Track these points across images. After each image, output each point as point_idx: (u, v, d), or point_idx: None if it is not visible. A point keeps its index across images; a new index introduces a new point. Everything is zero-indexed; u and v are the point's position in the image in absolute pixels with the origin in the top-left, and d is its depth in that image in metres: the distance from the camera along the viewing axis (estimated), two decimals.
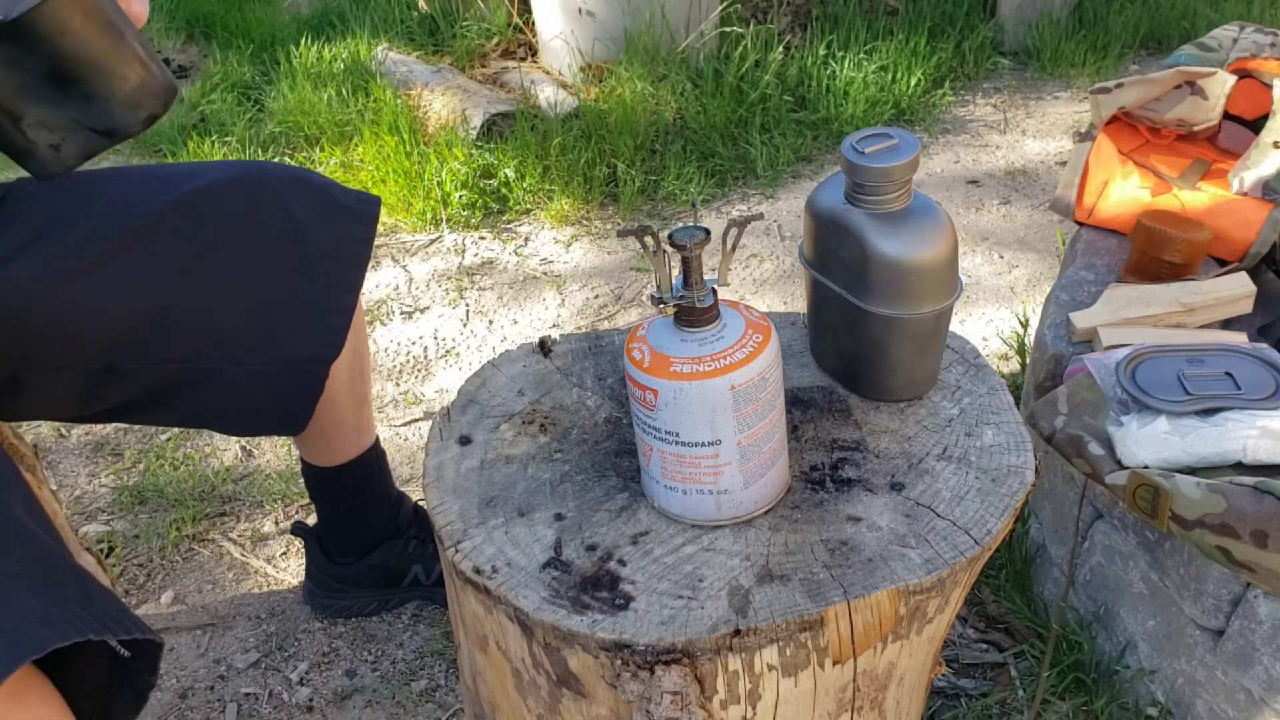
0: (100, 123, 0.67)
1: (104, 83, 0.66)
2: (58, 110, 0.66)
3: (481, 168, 2.26)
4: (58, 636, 0.66)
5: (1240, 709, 1.03)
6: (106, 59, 0.65)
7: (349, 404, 1.15)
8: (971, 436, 0.75)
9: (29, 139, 0.66)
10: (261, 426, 1.09)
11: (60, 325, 0.91)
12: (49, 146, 0.67)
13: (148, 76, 0.68)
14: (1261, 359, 1.04)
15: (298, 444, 1.22)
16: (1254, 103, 1.41)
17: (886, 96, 2.49)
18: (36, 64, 0.63)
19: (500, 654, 0.70)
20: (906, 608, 0.65)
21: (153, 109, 0.69)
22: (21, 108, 0.65)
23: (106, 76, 0.66)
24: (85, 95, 0.66)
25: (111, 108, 0.67)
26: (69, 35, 0.63)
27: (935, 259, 0.71)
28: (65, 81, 0.65)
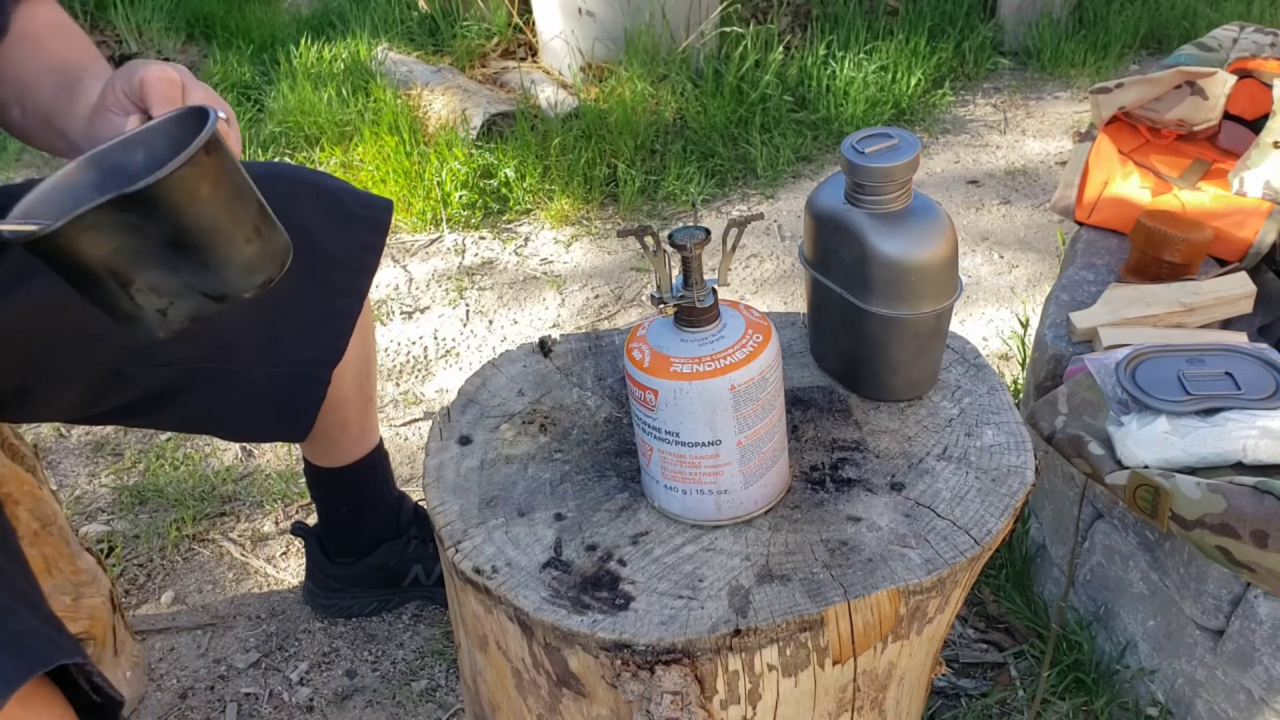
0: (215, 288, 0.63)
1: (223, 250, 0.62)
2: (171, 275, 0.61)
3: (481, 168, 2.26)
4: (64, 655, 0.70)
5: (1240, 709, 1.03)
6: (229, 226, 0.62)
7: (355, 405, 1.15)
8: (971, 436, 0.75)
9: (137, 304, 0.62)
10: (264, 432, 1.09)
11: (75, 337, 0.91)
12: (156, 311, 0.62)
13: (267, 242, 0.64)
14: (1261, 359, 1.04)
15: (302, 444, 1.22)
16: (1254, 103, 1.41)
17: (886, 96, 2.49)
18: (158, 231, 0.59)
19: (500, 654, 0.70)
20: (906, 608, 0.65)
21: (269, 273, 0.65)
22: (134, 273, 0.60)
23: (227, 243, 0.62)
24: (203, 262, 0.61)
25: (229, 274, 0.63)
26: (196, 204, 0.59)
27: (935, 259, 0.71)
28: (184, 248, 0.60)
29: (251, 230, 0.63)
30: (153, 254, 0.60)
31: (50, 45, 0.84)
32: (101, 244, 0.58)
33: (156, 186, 0.57)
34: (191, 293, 0.62)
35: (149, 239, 0.59)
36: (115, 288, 0.61)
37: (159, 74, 0.68)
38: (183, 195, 0.58)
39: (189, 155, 0.58)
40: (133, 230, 0.58)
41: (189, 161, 0.58)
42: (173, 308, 0.63)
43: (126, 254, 0.59)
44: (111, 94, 0.70)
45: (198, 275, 0.62)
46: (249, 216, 0.63)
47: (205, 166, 0.59)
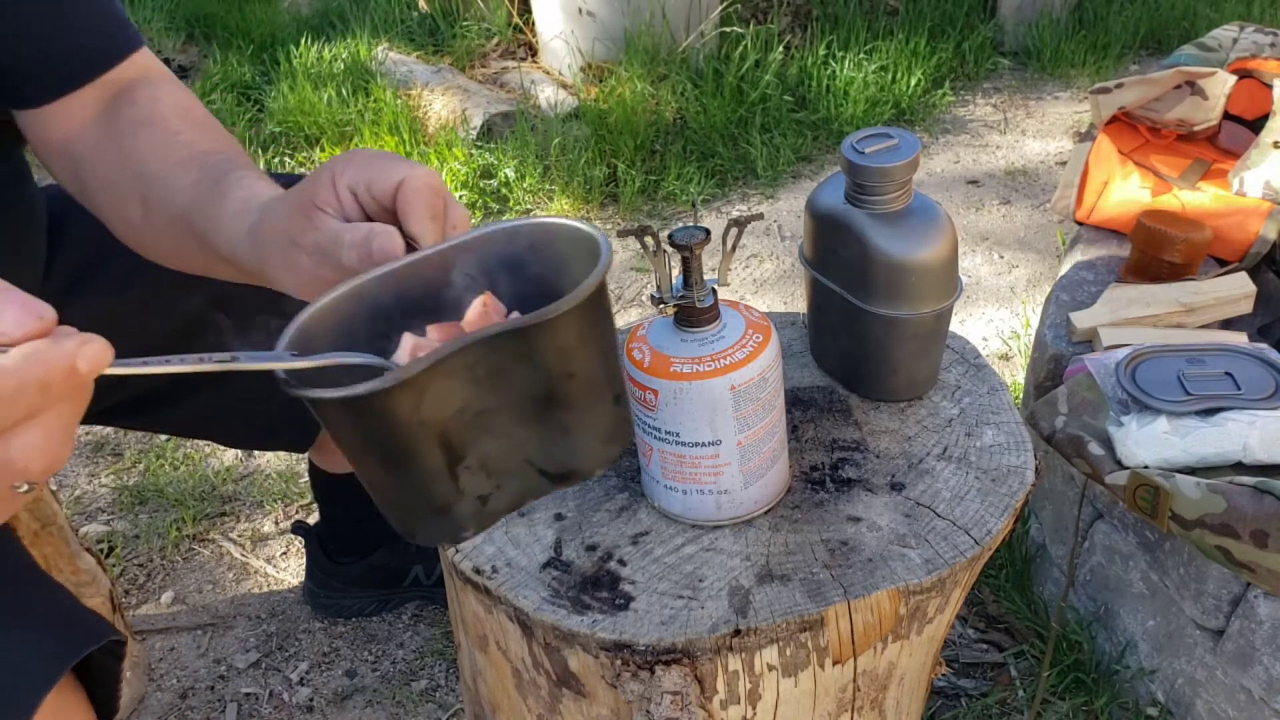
0: (563, 461, 0.50)
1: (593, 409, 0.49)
2: (515, 446, 0.48)
3: (481, 168, 2.26)
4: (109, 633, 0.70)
5: (1240, 709, 1.03)
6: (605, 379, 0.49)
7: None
8: (971, 436, 0.75)
9: (458, 487, 0.47)
10: (266, 440, 1.08)
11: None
12: (476, 498, 0.48)
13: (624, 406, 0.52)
14: (1261, 359, 1.04)
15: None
16: (1254, 103, 1.41)
17: (886, 96, 2.49)
18: (529, 381, 0.46)
19: (500, 654, 0.70)
20: (906, 608, 0.65)
21: (623, 444, 0.52)
22: (473, 441, 0.46)
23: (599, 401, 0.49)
24: (564, 426, 0.48)
25: (587, 442, 0.50)
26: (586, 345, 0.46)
27: (935, 259, 0.71)
28: (550, 407, 0.47)
29: (619, 387, 0.51)
30: (507, 415, 0.46)
31: (185, 134, 0.71)
32: (450, 401, 0.44)
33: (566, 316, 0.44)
34: (529, 471, 0.49)
35: (512, 394, 0.46)
36: (440, 466, 0.46)
37: (428, 180, 0.53)
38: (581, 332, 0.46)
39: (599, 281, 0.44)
40: (495, 380, 0.45)
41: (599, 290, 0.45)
42: (498, 493, 0.49)
43: (473, 415, 0.45)
44: (327, 189, 0.55)
45: (550, 444, 0.49)
46: (619, 369, 0.51)
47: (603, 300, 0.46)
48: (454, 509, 0.48)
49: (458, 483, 0.47)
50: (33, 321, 0.36)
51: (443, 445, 0.45)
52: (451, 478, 0.47)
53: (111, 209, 0.72)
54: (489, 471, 0.48)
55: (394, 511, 0.49)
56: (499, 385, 0.45)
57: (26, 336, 0.36)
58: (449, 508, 0.48)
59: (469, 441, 0.46)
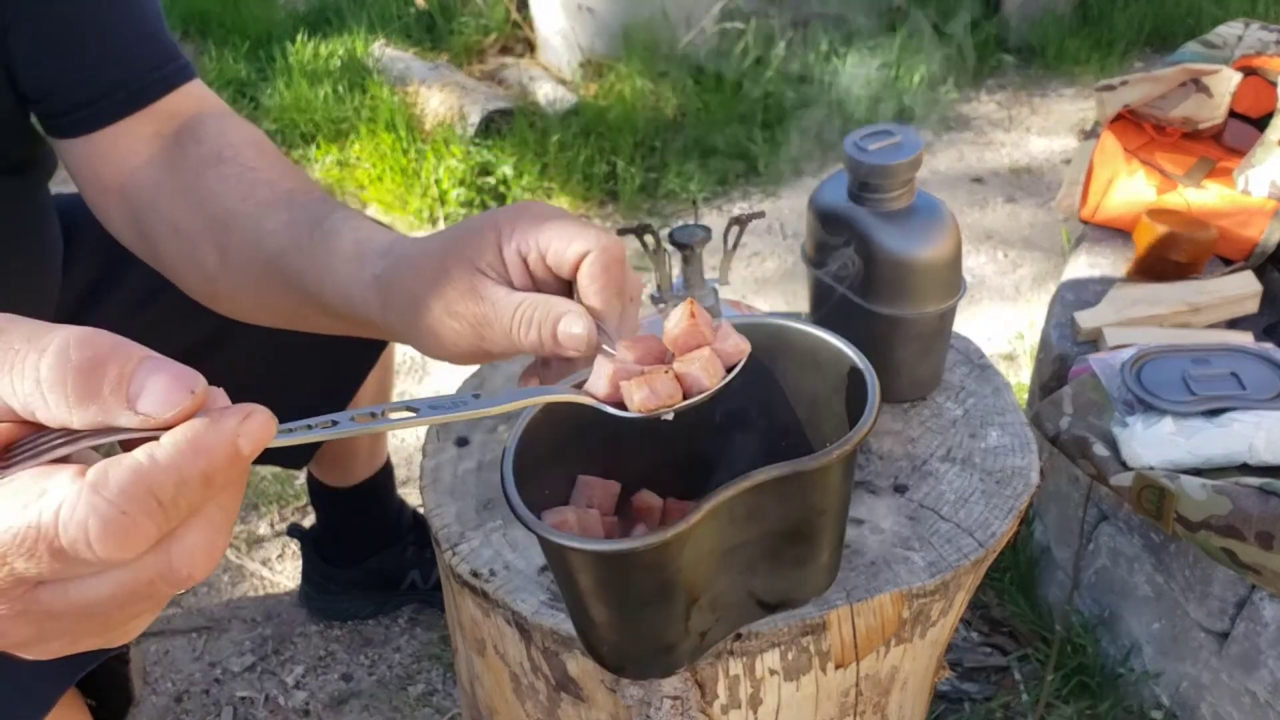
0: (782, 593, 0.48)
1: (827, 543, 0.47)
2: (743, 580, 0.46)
3: (479, 165, 2.25)
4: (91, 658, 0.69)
5: (1245, 712, 1.02)
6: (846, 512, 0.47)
7: (367, 435, 1.14)
8: (976, 438, 0.74)
9: (686, 628, 0.45)
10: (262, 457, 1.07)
11: None
12: (698, 634, 0.46)
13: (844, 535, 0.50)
14: (1267, 359, 1.03)
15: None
16: (1259, 100, 1.40)
17: (890, 93, 2.48)
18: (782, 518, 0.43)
19: (498, 658, 0.69)
20: (909, 611, 0.64)
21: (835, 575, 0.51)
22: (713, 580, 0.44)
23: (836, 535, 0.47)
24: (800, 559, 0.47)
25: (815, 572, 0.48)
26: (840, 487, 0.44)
27: (939, 257, 0.70)
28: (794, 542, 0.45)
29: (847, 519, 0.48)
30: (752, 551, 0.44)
31: (264, 171, 0.64)
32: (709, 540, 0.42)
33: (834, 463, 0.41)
34: (749, 603, 0.47)
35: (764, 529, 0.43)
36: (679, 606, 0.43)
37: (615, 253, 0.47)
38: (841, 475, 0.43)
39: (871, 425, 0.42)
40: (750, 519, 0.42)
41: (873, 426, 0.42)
42: (715, 627, 0.47)
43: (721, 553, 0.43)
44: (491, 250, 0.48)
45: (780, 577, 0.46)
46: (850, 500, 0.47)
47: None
48: (678, 648, 0.46)
49: (688, 623, 0.45)
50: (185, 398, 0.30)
51: (687, 589, 0.43)
52: (685, 617, 0.44)
53: (182, 256, 0.64)
54: (715, 607, 0.46)
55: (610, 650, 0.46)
56: (753, 522, 0.43)
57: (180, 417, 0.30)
58: (674, 647, 0.46)
59: (710, 581, 0.44)
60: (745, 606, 0.47)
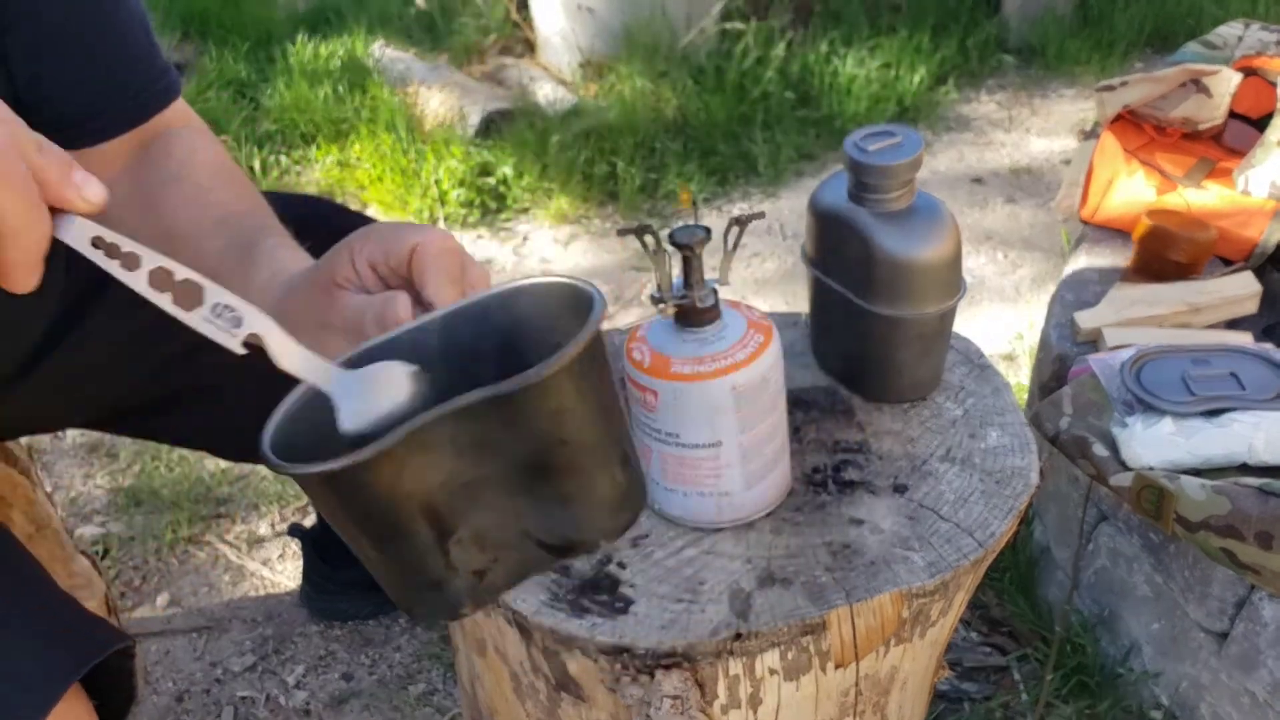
0: (561, 534, 0.47)
1: (593, 476, 0.46)
2: (508, 518, 0.45)
3: (479, 166, 2.26)
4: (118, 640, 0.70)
5: (1245, 712, 1.02)
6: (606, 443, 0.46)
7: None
8: (975, 438, 0.74)
9: (450, 562, 0.45)
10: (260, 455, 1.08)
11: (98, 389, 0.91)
12: (472, 574, 0.46)
13: (635, 471, 0.49)
14: (1267, 359, 1.03)
15: None
16: (1259, 101, 1.40)
17: (889, 94, 2.48)
18: (518, 449, 0.43)
19: (499, 658, 0.70)
20: (909, 611, 0.64)
21: (633, 513, 0.49)
22: (462, 514, 0.44)
23: (600, 467, 0.46)
24: (562, 496, 0.46)
25: (590, 511, 0.47)
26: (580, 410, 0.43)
27: (939, 258, 0.70)
28: (544, 475, 0.44)
29: (623, 453, 0.47)
30: (497, 485, 0.44)
31: (216, 192, 0.68)
32: (433, 472, 0.42)
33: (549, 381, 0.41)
34: (527, 544, 0.47)
35: (500, 463, 0.43)
36: (429, 540, 0.44)
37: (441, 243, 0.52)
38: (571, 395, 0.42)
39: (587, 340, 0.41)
40: (481, 450, 0.42)
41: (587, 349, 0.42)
42: (495, 567, 0.46)
43: (460, 486, 0.43)
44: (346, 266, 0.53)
45: (547, 516, 0.46)
46: (623, 433, 0.47)
47: (596, 356, 0.44)
48: (448, 585, 0.46)
49: (449, 557, 0.45)
50: None
51: (429, 519, 0.43)
52: (442, 552, 0.44)
53: None
54: (483, 545, 0.46)
55: (389, 588, 0.47)
56: (485, 455, 0.43)
57: None
58: (442, 584, 0.45)
59: (458, 514, 0.44)
60: (525, 548, 0.47)
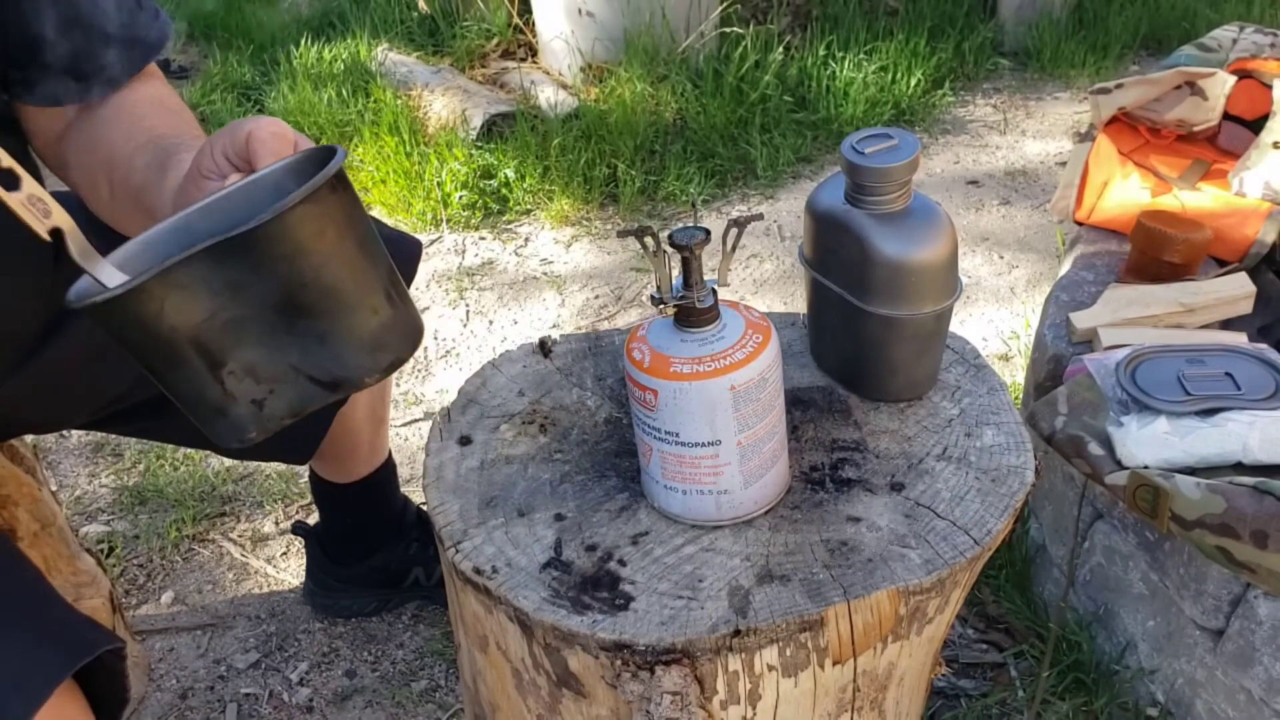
0: (328, 370, 0.51)
1: (346, 317, 0.50)
2: (275, 354, 0.50)
3: (481, 168, 2.26)
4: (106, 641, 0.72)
5: (1240, 709, 1.03)
6: (354, 286, 0.50)
7: (367, 429, 1.16)
8: (971, 437, 0.75)
9: (227, 392, 0.50)
10: (264, 453, 1.09)
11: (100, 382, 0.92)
12: (250, 402, 0.51)
13: (398, 312, 0.53)
14: (1261, 359, 1.04)
15: None
16: (1254, 103, 1.41)
17: (886, 97, 2.49)
18: (265, 291, 0.48)
19: (500, 654, 0.70)
20: (906, 608, 0.65)
21: (399, 352, 0.53)
22: (229, 350, 0.49)
23: (351, 309, 0.50)
24: (318, 334, 0.50)
25: (349, 350, 0.51)
26: (318, 254, 0.48)
27: (935, 259, 0.71)
28: (297, 315, 0.49)
29: (381, 295, 0.52)
30: (256, 324, 0.49)
31: (148, 120, 0.77)
32: (192, 310, 0.47)
33: (270, 227, 0.46)
34: (298, 378, 0.51)
35: (253, 303, 0.48)
36: (203, 371, 0.49)
37: (270, 128, 0.59)
38: (303, 240, 0.47)
39: (312, 188, 0.47)
40: (234, 291, 0.47)
41: (311, 197, 0.47)
42: (272, 398, 0.51)
43: (222, 324, 0.48)
44: (207, 158, 0.61)
45: (310, 353, 0.50)
46: (378, 277, 0.52)
47: (330, 206, 0.48)
48: (230, 411, 0.51)
49: (224, 386, 0.50)
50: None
51: (198, 352, 0.49)
52: (217, 381, 0.50)
53: (87, 187, 0.78)
54: (257, 378, 0.50)
55: (187, 412, 0.52)
56: (239, 295, 0.48)
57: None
58: (225, 410, 0.51)
59: (225, 349, 0.49)
60: (298, 382, 0.52)
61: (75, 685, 0.72)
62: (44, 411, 0.94)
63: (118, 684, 0.76)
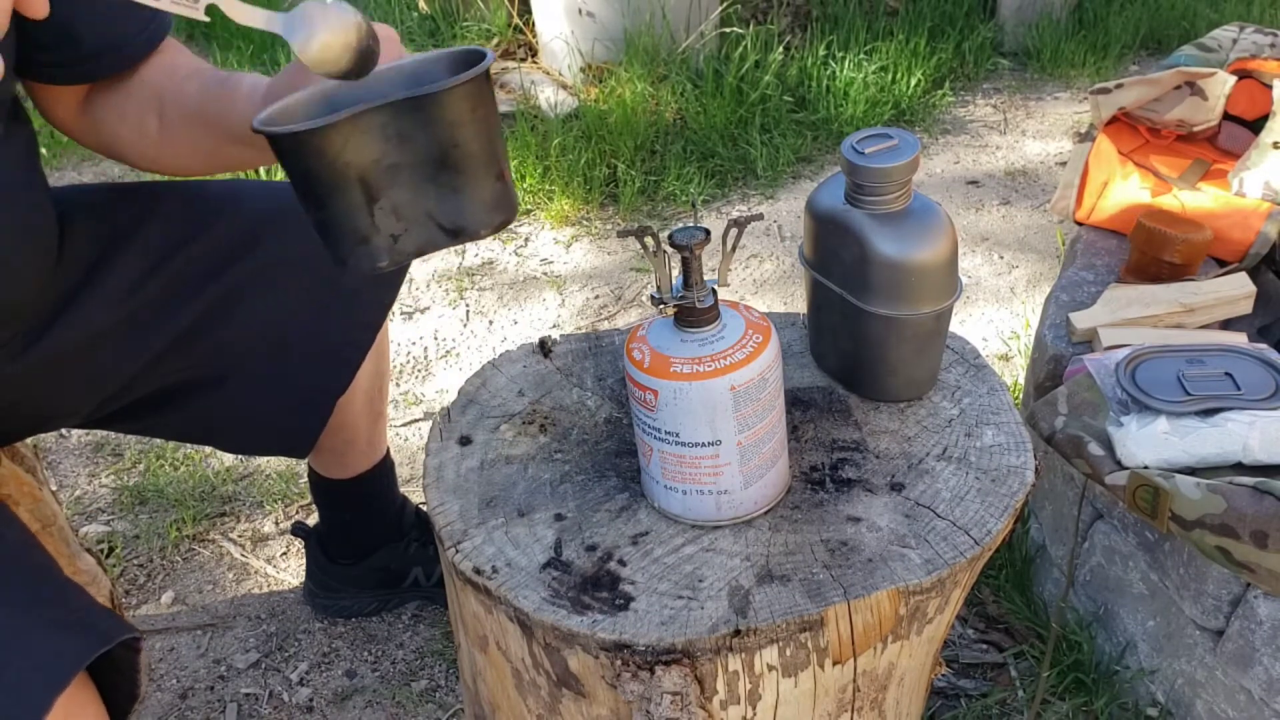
0: (454, 220, 0.62)
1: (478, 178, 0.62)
2: (417, 199, 0.61)
3: None
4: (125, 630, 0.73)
5: (1240, 709, 1.03)
6: (488, 156, 0.62)
7: (364, 423, 1.16)
8: (971, 437, 0.75)
9: (374, 223, 0.60)
10: (263, 447, 1.09)
11: (104, 369, 0.92)
12: (389, 235, 0.61)
13: (507, 186, 0.64)
14: (1261, 359, 1.04)
15: None
16: (1254, 103, 1.41)
17: (886, 97, 2.49)
18: (426, 146, 0.59)
19: (500, 654, 0.70)
20: (906, 608, 0.65)
21: (505, 216, 0.64)
22: (384, 188, 0.60)
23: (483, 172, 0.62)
24: (454, 188, 0.61)
25: (475, 205, 0.62)
26: (470, 124, 0.60)
27: (935, 259, 0.71)
28: (444, 169, 0.60)
29: (499, 169, 0.63)
30: (410, 172, 0.60)
31: (183, 57, 0.86)
32: (368, 150, 0.58)
33: (445, 95, 0.58)
34: (428, 223, 0.62)
35: (413, 153, 0.59)
36: (360, 202, 0.59)
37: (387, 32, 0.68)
38: (463, 111, 0.59)
39: (478, 72, 0.59)
40: (401, 141, 0.59)
41: (476, 79, 0.58)
42: (405, 235, 0.62)
43: (385, 167, 0.59)
44: None
45: (444, 202, 0.61)
46: (500, 155, 0.64)
47: (484, 90, 0.60)
48: (371, 241, 0.61)
49: (374, 219, 0.60)
50: None
51: (362, 186, 0.59)
52: (369, 214, 0.60)
53: (131, 132, 0.84)
54: (398, 216, 0.61)
55: (328, 239, 0.61)
56: (404, 145, 0.59)
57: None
58: (368, 239, 0.61)
59: (383, 187, 0.59)
60: (427, 226, 0.62)
61: (88, 677, 0.72)
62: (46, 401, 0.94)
63: (129, 679, 0.76)
